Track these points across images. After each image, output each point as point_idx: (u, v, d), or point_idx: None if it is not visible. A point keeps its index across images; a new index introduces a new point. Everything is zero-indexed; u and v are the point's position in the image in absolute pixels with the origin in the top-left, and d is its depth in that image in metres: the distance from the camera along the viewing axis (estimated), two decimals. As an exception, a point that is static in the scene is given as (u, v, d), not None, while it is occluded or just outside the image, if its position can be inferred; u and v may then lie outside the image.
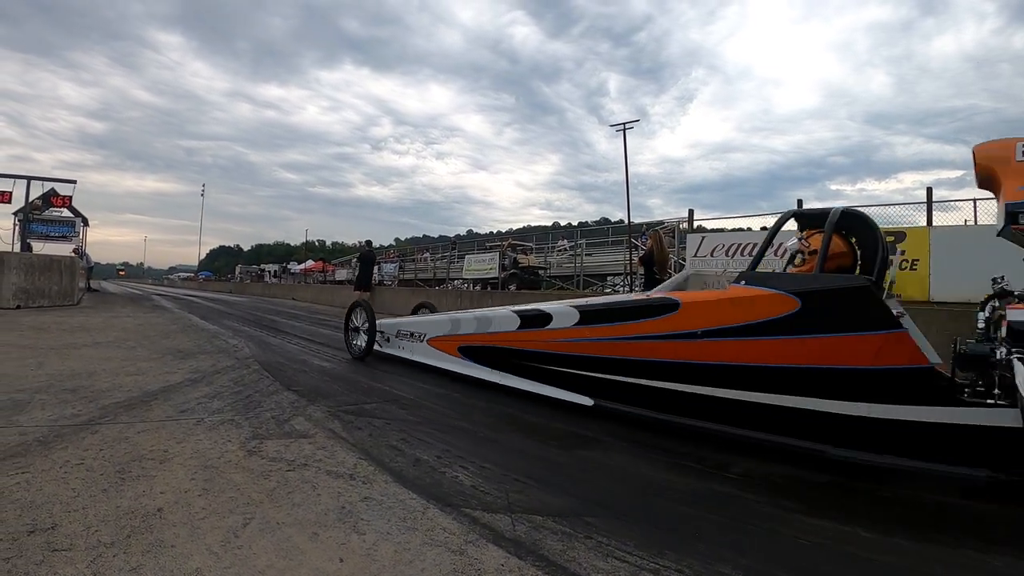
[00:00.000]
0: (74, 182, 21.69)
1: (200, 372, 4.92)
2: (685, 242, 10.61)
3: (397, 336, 6.39)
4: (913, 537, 2.14)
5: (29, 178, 19.99)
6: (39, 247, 19.54)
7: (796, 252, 3.77)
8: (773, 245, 4.04)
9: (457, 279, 20.34)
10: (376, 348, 6.55)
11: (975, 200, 10.06)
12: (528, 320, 4.71)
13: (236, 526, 1.96)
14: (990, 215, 9.37)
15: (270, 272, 47.07)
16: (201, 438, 2.96)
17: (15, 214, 20.29)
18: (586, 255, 19.38)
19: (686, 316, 3.62)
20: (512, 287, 15.83)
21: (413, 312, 7.37)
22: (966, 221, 9.45)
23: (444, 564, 1.79)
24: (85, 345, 6.28)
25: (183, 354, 5.99)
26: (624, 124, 18.32)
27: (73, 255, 17.48)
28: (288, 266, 46.50)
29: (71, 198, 21.52)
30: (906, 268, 7.87)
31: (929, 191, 9.36)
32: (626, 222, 19.52)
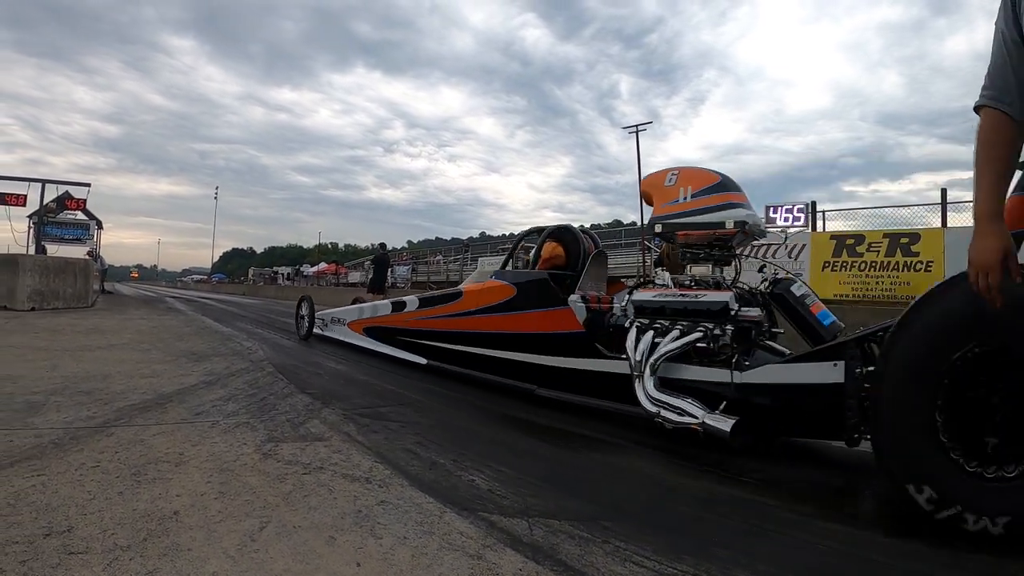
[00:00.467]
0: (88, 185, 22.09)
1: (214, 374, 4.96)
2: None
3: (332, 322, 7.94)
4: (933, 543, 2.11)
5: (44, 181, 20.38)
6: (53, 250, 19.90)
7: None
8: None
9: (469, 281, 20.44)
10: (317, 331, 8.26)
11: None
12: (395, 306, 6.43)
13: (252, 529, 1.96)
14: (1005, 215, 9.26)
15: (283, 275, 47.57)
16: (216, 441, 2.97)
17: (30, 217, 20.67)
18: None
19: (465, 301, 5.24)
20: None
21: (352, 303, 8.51)
22: None
23: (462, 568, 1.78)
24: (99, 347, 6.36)
25: (197, 356, 6.04)
26: (637, 126, 18.41)
27: (87, 257, 17.73)
28: (301, 268, 46.93)
29: (85, 201, 21.90)
30: (920, 270, 7.75)
31: (943, 192, 9.21)
32: (639, 224, 19.49)
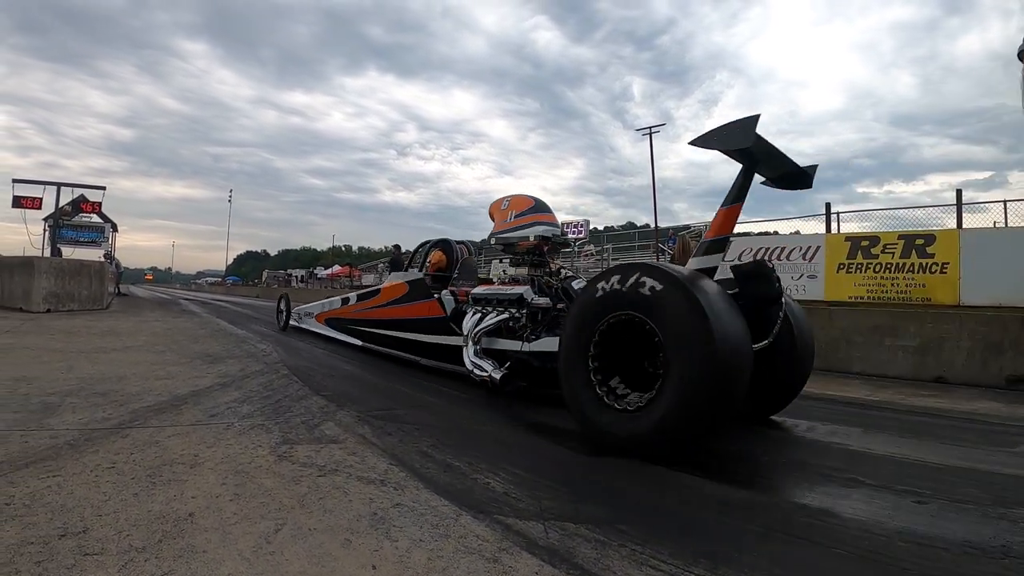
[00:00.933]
0: (103, 188, 22.45)
1: (229, 376, 5.01)
2: None
3: (304, 316, 9.65)
4: (953, 548, 2.09)
5: (59, 184, 20.70)
6: (69, 252, 20.24)
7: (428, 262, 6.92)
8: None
9: (484, 283, 20.62)
10: (294, 324, 9.97)
11: (1005, 201, 9.93)
12: (343, 302, 8.30)
13: (268, 532, 1.97)
14: (1021, 216, 9.23)
15: (297, 277, 47.91)
16: (231, 443, 2.99)
17: (45, 220, 21.03)
18: (612, 260, 19.47)
19: (382, 296, 7.04)
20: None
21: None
22: (995, 223, 9.23)
23: (478, 571, 1.78)
24: (114, 349, 6.45)
25: (212, 358, 6.12)
26: (650, 128, 18.39)
27: (103, 260, 18.00)
28: (315, 271, 47.28)
29: (100, 204, 22.25)
30: (936, 272, 7.65)
31: (959, 193, 9.17)
32: (652, 226, 19.51)
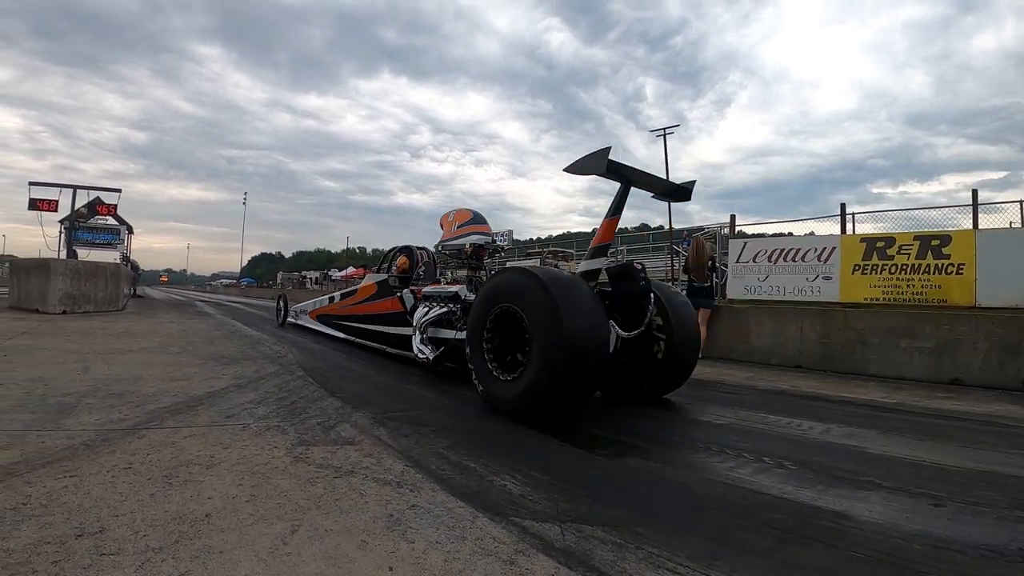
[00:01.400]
0: (119, 191, 22.83)
1: (244, 378, 5.08)
2: (727, 248, 10.44)
3: (300, 313, 10.95)
4: (970, 551, 2.08)
5: (75, 187, 21.08)
6: (84, 254, 20.56)
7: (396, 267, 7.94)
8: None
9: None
10: (291, 320, 11.41)
11: (1021, 201, 9.89)
12: (330, 300, 9.51)
13: (284, 533, 1.99)
14: None
15: (311, 279, 48.37)
16: (247, 444, 3.03)
17: (61, 222, 21.43)
18: (627, 261, 19.47)
19: (359, 294, 8.29)
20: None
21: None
22: (1011, 223, 9.14)
23: (495, 574, 1.80)
24: (130, 350, 6.56)
25: (227, 359, 6.20)
26: (664, 129, 18.40)
27: (119, 262, 18.29)
28: (329, 273, 47.71)
29: (116, 206, 22.65)
30: (952, 273, 7.64)
31: (975, 193, 9.25)
32: (666, 228, 19.46)
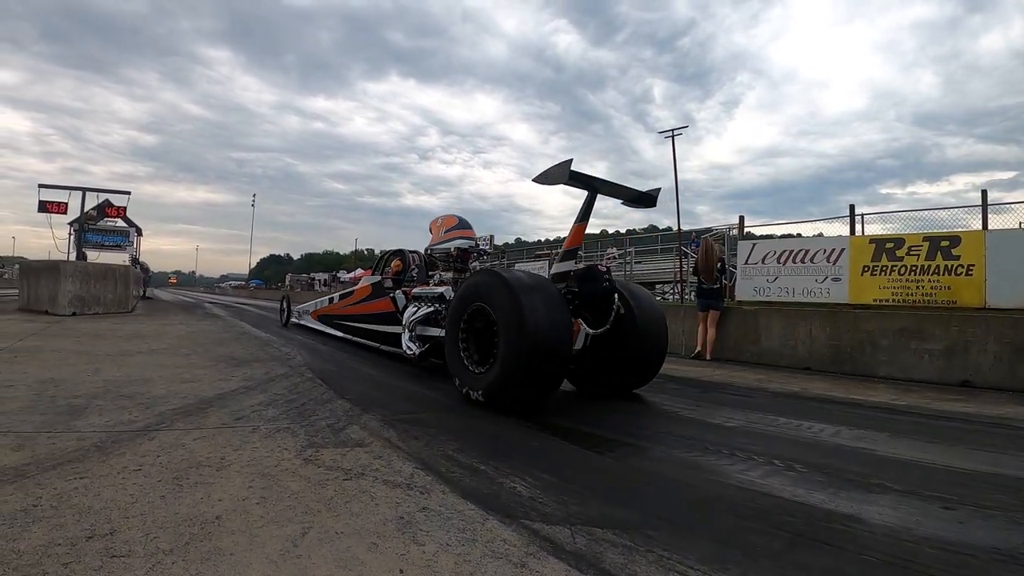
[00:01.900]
0: (128, 193, 23.19)
1: (254, 380, 5.16)
2: (736, 249, 10.43)
3: (303, 313, 11.73)
4: (981, 554, 2.10)
5: (84, 189, 21.38)
6: (94, 256, 20.92)
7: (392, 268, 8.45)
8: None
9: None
10: (294, 320, 12.13)
11: None
12: (330, 300, 10.21)
13: (295, 535, 2.03)
14: None
15: (320, 280, 48.82)
16: (257, 446, 3.09)
17: (71, 224, 21.79)
18: (636, 263, 19.58)
19: (355, 295, 8.94)
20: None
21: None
22: (1021, 224, 9.08)
23: (505, 576, 1.83)
24: (140, 352, 6.69)
25: (237, 361, 6.30)
26: (672, 130, 18.45)
27: (128, 264, 18.57)
28: (338, 274, 48.12)
29: (125, 208, 23.02)
30: (961, 274, 7.66)
31: (984, 194, 9.30)
32: (674, 229, 19.49)
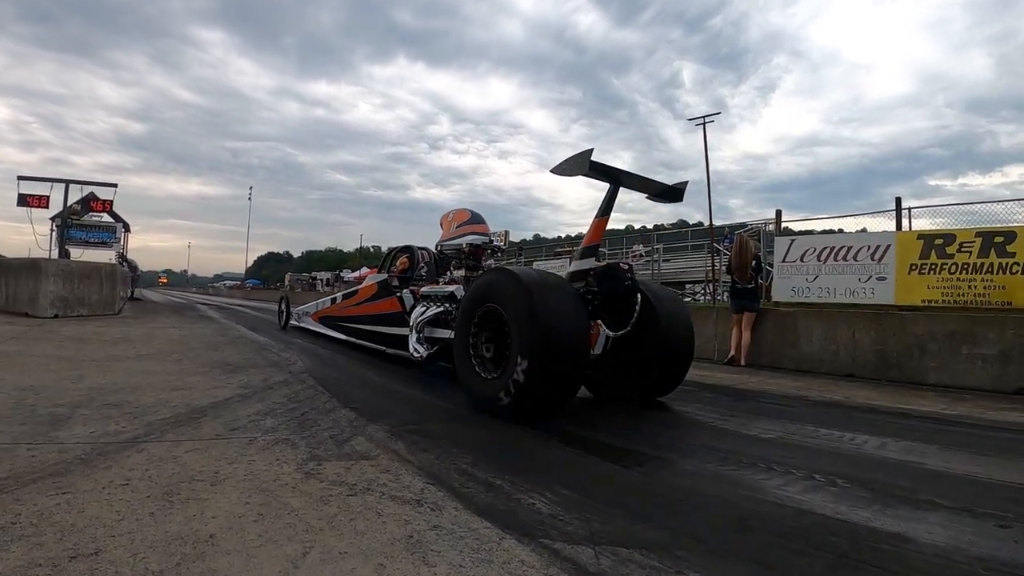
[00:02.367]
0: (115, 186, 22.94)
1: (251, 387, 5.11)
2: (773, 246, 10.26)
3: (303, 315, 11.60)
4: None
5: (68, 181, 21.08)
6: (78, 254, 20.80)
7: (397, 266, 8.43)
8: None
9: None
10: (294, 323, 11.99)
11: None
12: (332, 301, 10.30)
13: (295, 555, 1.97)
14: None
15: (322, 280, 48.80)
16: (254, 458, 3.03)
17: (53, 219, 21.64)
18: (664, 261, 19.34)
19: (359, 295, 8.87)
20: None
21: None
22: None
23: (523, 600, 1.78)
24: (128, 357, 6.65)
25: (232, 367, 6.25)
26: (704, 117, 18.29)
27: (115, 262, 18.52)
28: (341, 273, 48.09)
29: (112, 202, 22.87)
30: (1017, 272, 7.58)
31: None
32: (706, 225, 19.28)
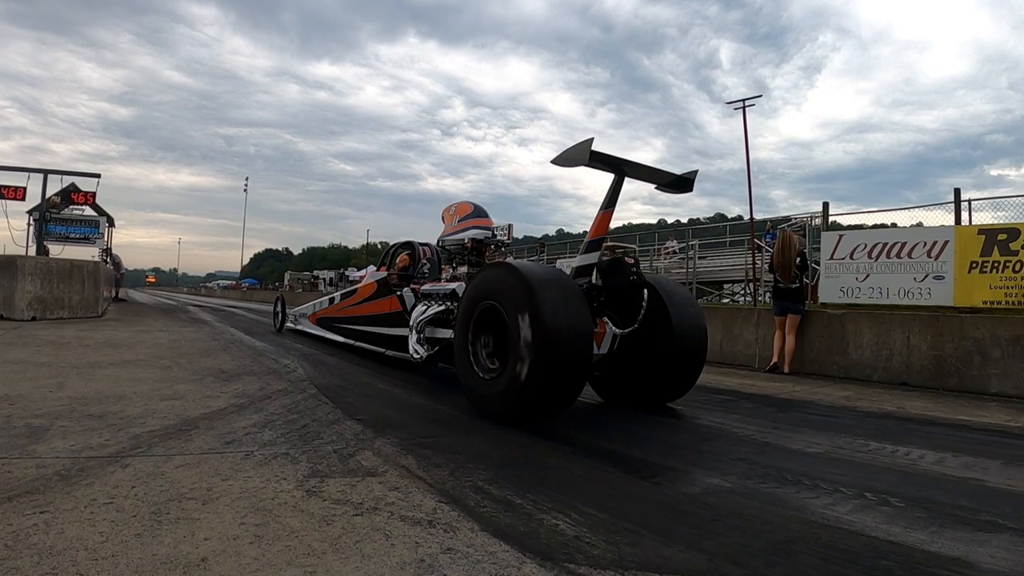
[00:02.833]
0: (98, 176, 22.46)
1: (247, 396, 5.08)
2: (819, 242, 10.11)
3: (299, 316, 12.12)
4: None
5: (46, 171, 20.14)
6: (57, 250, 20.54)
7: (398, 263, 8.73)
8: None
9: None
10: (289, 325, 12.59)
11: None
12: (330, 301, 10.58)
13: (296, 582, 1.95)
14: None
15: (325, 280, 48.88)
16: (251, 475, 2.99)
17: (30, 212, 21.39)
18: (699, 258, 19.11)
19: (358, 295, 9.24)
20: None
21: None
22: None
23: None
24: (112, 364, 6.62)
25: (226, 375, 6.23)
26: (744, 100, 18.15)
27: (98, 260, 18.44)
28: (346, 272, 48.09)
29: (94, 194, 22.75)
30: None
31: None
32: (746, 219, 19.16)
